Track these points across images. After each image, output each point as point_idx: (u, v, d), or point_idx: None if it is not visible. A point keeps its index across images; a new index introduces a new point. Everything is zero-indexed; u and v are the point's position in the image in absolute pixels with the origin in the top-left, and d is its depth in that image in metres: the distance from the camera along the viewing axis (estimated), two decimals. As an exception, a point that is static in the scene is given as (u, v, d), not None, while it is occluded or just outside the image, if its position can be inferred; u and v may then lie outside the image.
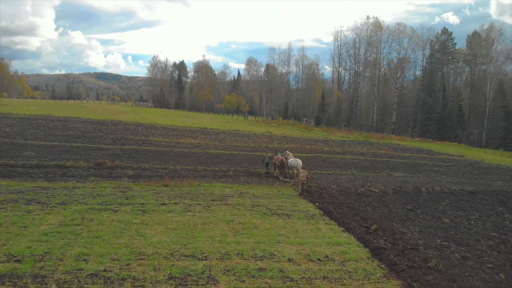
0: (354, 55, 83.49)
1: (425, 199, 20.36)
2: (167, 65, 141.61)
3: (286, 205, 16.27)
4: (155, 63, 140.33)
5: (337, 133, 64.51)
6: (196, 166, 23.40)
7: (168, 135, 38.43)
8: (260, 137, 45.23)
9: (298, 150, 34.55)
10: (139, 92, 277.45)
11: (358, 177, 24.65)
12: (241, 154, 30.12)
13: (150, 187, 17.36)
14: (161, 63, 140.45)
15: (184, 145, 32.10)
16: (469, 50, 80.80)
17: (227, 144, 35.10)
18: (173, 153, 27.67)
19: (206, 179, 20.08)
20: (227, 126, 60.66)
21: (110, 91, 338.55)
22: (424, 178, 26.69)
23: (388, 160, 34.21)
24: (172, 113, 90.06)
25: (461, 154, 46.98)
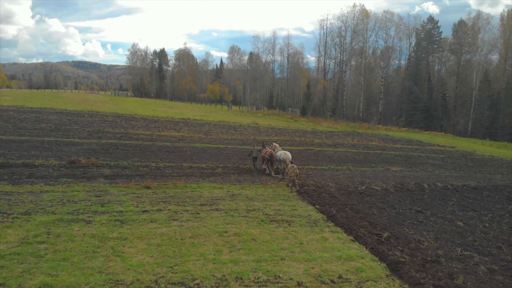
0: (340, 43, 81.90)
1: (430, 197, 18.89)
2: (147, 53, 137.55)
3: (284, 208, 14.48)
4: (134, 51, 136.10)
5: (323, 124, 63.05)
6: (181, 163, 21.36)
7: (149, 127, 36.11)
8: (247, 128, 43.28)
9: (288, 143, 32.80)
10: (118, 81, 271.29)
11: (355, 173, 23.06)
12: (229, 148, 28.18)
13: (130, 190, 15.31)
14: (141, 51, 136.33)
15: (167, 139, 29.93)
16: (455, 39, 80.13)
17: (213, 137, 33.05)
18: (155, 148, 25.51)
19: (193, 179, 18.10)
20: (211, 117, 58.41)
21: (88, 80, 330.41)
22: (422, 172, 25.31)
23: (381, 152, 32.80)
24: (152, 103, 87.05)
25: (451, 144, 46.09)
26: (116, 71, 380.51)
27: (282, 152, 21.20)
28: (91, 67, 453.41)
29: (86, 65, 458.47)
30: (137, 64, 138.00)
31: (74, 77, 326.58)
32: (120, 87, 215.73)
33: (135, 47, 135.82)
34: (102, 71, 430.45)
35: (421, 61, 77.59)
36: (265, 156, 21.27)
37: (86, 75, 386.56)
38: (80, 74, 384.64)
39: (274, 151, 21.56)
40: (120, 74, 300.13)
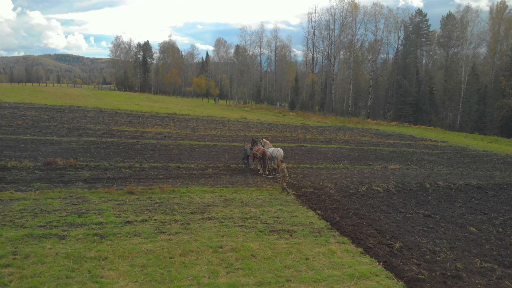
0: (328, 36, 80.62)
1: (435, 198, 17.78)
2: (131, 45, 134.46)
3: (283, 215, 13.14)
4: (118, 43, 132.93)
5: (312, 118, 61.91)
6: (167, 163, 19.80)
7: (133, 123, 34.31)
8: (236, 124, 41.77)
9: (280, 140, 31.44)
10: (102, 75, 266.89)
11: (353, 172, 21.84)
12: (218, 145, 26.66)
13: (111, 196, 13.75)
14: (125, 44, 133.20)
15: (152, 135, 28.25)
16: (444, 32, 79.70)
17: (201, 133, 31.46)
18: (139, 146, 23.85)
19: (181, 181, 16.60)
20: (198, 111, 56.68)
21: (71, 73, 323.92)
22: (421, 170, 24.25)
23: (375, 148, 31.72)
24: (136, 97, 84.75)
25: (443, 139, 45.38)
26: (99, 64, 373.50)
27: (275, 149, 19.83)
28: (74, 61, 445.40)
29: (69, 58, 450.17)
30: (121, 57, 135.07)
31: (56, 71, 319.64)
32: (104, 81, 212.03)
33: (119, 40, 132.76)
34: (85, 65, 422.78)
35: (410, 55, 76.89)
36: (258, 154, 19.76)
37: (69, 68, 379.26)
38: (62, 67, 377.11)
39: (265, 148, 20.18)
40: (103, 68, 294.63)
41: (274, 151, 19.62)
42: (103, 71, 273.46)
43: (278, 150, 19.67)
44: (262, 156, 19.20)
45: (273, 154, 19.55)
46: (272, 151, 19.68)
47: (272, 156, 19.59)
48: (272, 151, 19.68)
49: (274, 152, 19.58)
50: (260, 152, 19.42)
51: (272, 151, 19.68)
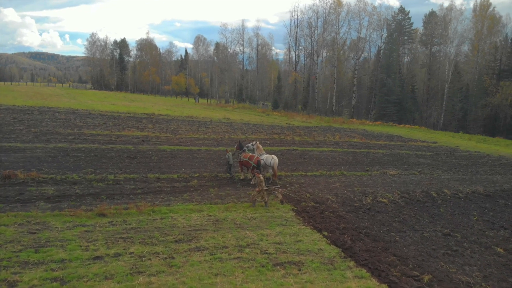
0: (311, 34, 78.96)
1: (446, 210, 16.05)
2: (107, 43, 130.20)
3: (286, 240, 11.07)
4: (93, 41, 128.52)
5: (297, 118, 60.14)
6: (145, 174, 17.45)
7: (107, 125, 31.65)
8: (219, 125, 39.47)
9: (268, 143, 29.36)
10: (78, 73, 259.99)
11: (352, 179, 19.97)
12: (203, 150, 24.38)
13: (78, 220, 11.40)
14: (101, 41, 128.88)
15: (128, 140, 25.73)
16: (426, 30, 79.15)
17: (182, 137, 29.05)
18: (114, 153, 21.35)
19: (162, 197, 14.31)
20: (177, 111, 54.09)
21: (46, 72, 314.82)
22: (421, 176, 22.59)
23: (368, 151, 30.03)
24: (113, 96, 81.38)
25: (431, 139, 44.25)
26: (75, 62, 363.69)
27: (269, 156, 17.73)
28: (49, 59, 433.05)
29: (44, 56, 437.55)
30: (96, 55, 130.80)
31: (30, 69, 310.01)
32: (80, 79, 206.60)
33: (94, 37, 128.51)
34: (61, 63, 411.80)
35: (393, 53, 76.00)
36: (251, 163, 17.26)
37: (43, 66, 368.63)
38: (37, 66, 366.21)
39: (256, 154, 18.00)
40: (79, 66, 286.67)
41: (268, 159, 17.52)
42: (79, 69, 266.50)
43: (272, 157, 17.60)
44: (257, 166, 16.88)
45: (267, 162, 17.44)
46: (266, 158, 17.55)
47: (266, 164, 17.48)
48: (266, 158, 17.55)
49: (268, 159, 17.49)
50: (255, 161, 17.01)
51: (266, 158, 17.56)
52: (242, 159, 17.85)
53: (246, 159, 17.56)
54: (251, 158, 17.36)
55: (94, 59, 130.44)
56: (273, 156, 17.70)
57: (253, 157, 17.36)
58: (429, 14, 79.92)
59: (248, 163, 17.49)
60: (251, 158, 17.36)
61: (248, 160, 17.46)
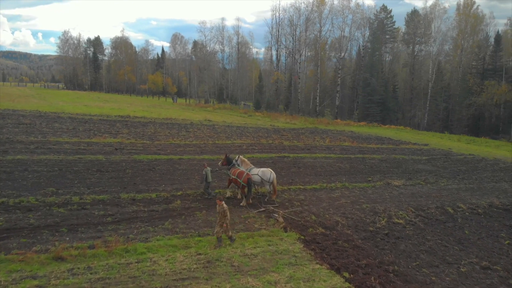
0: (292, 33, 76.71)
1: (472, 232, 13.93)
2: (80, 41, 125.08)
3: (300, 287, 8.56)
4: (66, 39, 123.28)
5: (280, 119, 57.79)
6: (118, 193, 14.58)
7: (77, 130, 28.44)
8: (201, 128, 36.62)
9: (256, 149, 26.79)
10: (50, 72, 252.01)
11: (356, 193, 17.63)
12: (184, 159, 21.58)
13: (28, 268, 8.56)
14: (73, 39, 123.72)
15: (100, 148, 22.68)
16: (408, 29, 78.16)
17: (161, 143, 26.12)
18: (82, 166, 18.36)
19: (138, 227, 11.55)
20: (155, 113, 50.91)
21: (18, 71, 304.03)
22: (428, 186, 20.49)
23: (363, 157, 27.87)
24: (86, 96, 77.28)
25: (421, 141, 42.64)
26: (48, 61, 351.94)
27: (267, 170, 15.03)
28: (21, 58, 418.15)
29: (16, 55, 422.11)
30: (69, 54, 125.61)
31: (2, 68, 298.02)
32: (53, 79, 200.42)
33: (67, 35, 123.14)
34: (33, 62, 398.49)
35: (376, 52, 74.57)
36: (240, 181, 14.51)
37: (15, 66, 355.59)
38: (8, 65, 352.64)
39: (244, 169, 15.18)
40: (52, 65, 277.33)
41: (266, 173, 14.85)
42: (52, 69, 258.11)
43: (271, 172, 15.00)
44: (247, 184, 14.29)
45: (265, 177, 14.77)
46: (263, 173, 14.87)
47: (263, 180, 14.85)
48: (263, 173, 14.87)
49: (266, 174, 14.82)
50: (244, 180, 14.34)
51: (263, 173, 14.85)
52: (231, 176, 15.12)
53: (235, 177, 14.73)
54: (240, 175, 14.54)
55: (67, 58, 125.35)
56: (271, 170, 15.11)
57: (242, 174, 14.57)
58: (411, 13, 78.88)
59: (237, 181, 14.69)
60: (240, 175, 14.54)
61: (236, 177, 14.61)
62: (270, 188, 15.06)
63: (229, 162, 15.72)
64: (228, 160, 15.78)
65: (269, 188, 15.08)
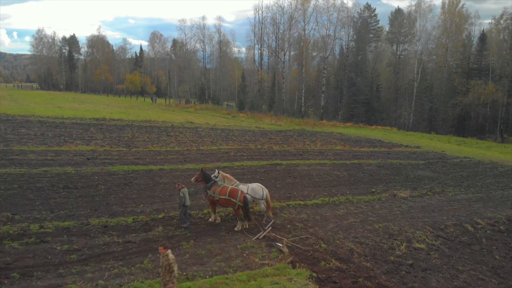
0: (276, 31, 74.67)
1: (504, 257, 12.21)
2: (55, 40, 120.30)
3: None
4: (40, 37, 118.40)
5: (265, 120, 55.68)
6: (88, 218, 12.11)
7: (45, 137, 25.63)
8: (183, 131, 34.10)
9: (245, 155, 24.53)
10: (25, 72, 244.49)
11: (362, 208, 15.62)
12: (166, 170, 19.16)
13: None
14: (48, 38, 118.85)
15: (69, 158, 20.04)
16: (392, 28, 77.21)
17: (139, 150, 23.57)
18: (47, 181, 15.75)
19: (110, 267, 9.15)
20: (133, 114, 48.09)
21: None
22: (436, 198, 18.68)
23: (358, 162, 25.97)
24: (60, 97, 73.55)
25: (412, 143, 41.24)
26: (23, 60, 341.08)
27: (257, 186, 12.86)
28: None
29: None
30: (43, 53, 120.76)
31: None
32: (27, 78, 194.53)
33: (41, 33, 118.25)
34: (8, 61, 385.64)
35: (361, 51, 73.22)
36: (234, 201, 11.94)
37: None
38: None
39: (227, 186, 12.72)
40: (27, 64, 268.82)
41: (257, 190, 12.70)
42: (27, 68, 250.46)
43: (262, 188, 12.84)
44: (243, 204, 11.97)
45: (257, 194, 12.64)
46: (254, 190, 12.69)
47: (255, 198, 12.69)
48: (254, 190, 12.69)
49: (258, 191, 12.67)
50: (241, 199, 11.89)
51: (254, 190, 12.66)
52: (217, 197, 12.30)
53: (226, 197, 12.08)
54: (234, 194, 12.02)
55: (41, 57, 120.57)
56: (261, 186, 12.92)
57: (236, 192, 12.08)
58: (395, 11, 77.93)
59: (230, 202, 12.13)
60: (234, 194, 12.02)
61: (229, 197, 12.05)
62: (265, 205, 12.88)
63: (207, 178, 12.86)
64: (205, 176, 12.91)
65: (263, 206, 12.87)
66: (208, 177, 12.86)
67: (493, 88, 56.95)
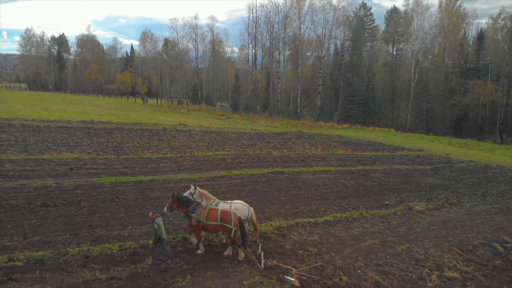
0: (270, 30, 72.99)
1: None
2: (44, 39, 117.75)
3: None
4: (28, 37, 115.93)
5: (260, 121, 54.06)
6: (65, 246, 10.30)
7: (26, 143, 23.70)
8: (176, 135, 32.27)
9: (243, 163, 22.77)
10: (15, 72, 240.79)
11: (379, 226, 13.98)
12: (158, 181, 17.34)
13: None
14: (37, 37, 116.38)
15: (51, 169, 18.14)
16: (388, 28, 75.97)
17: (128, 158, 21.69)
18: (23, 198, 13.87)
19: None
20: (123, 116, 46.15)
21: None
22: (454, 210, 17.13)
23: (364, 168, 24.42)
24: (49, 98, 71.32)
25: (414, 146, 39.87)
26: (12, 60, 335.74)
27: (241, 205, 10.91)
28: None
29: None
30: (32, 52, 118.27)
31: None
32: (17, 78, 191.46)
33: (29, 33, 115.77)
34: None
35: (357, 51, 71.82)
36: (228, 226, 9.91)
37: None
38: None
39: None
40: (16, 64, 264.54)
41: (241, 210, 10.70)
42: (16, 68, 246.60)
43: (246, 206, 10.92)
44: (240, 228, 10.03)
45: (243, 215, 10.54)
46: (236, 210, 10.61)
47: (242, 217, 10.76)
48: (236, 210, 10.61)
49: (242, 211, 10.67)
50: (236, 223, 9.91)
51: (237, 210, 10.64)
52: (203, 221, 10.11)
53: (217, 222, 10.02)
54: (227, 218, 10.01)
55: (30, 56, 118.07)
56: (246, 205, 10.99)
57: (229, 215, 10.05)
58: (391, 10, 76.69)
59: (223, 228, 10.09)
60: (227, 218, 10.01)
61: (222, 223, 9.99)
62: (248, 226, 11.06)
63: (186, 202, 10.54)
64: (183, 200, 10.57)
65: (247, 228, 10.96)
66: (186, 200, 10.58)
67: (493, 88, 55.85)
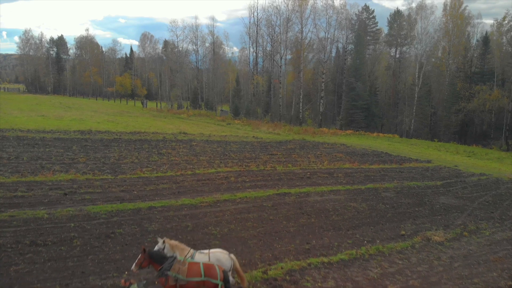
0: (272, 33, 71.83)
1: None
2: (43, 40, 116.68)
3: None
4: (27, 38, 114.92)
5: (262, 128, 53.00)
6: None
7: (19, 161, 22.49)
8: (176, 146, 31.12)
9: (247, 182, 21.54)
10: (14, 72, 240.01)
11: (399, 266, 12.81)
12: (158, 209, 16.14)
13: None
14: (35, 39, 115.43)
15: (44, 193, 16.96)
16: (391, 31, 74.97)
17: (126, 178, 20.46)
18: (11, 235, 12.57)
19: None
20: (121, 123, 45.14)
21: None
22: (475, 241, 15.96)
23: (374, 187, 23.24)
24: (47, 102, 70.23)
25: (422, 156, 38.84)
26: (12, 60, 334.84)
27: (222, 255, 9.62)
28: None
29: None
30: (30, 53, 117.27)
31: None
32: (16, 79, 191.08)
33: (28, 34, 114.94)
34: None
35: (360, 55, 70.76)
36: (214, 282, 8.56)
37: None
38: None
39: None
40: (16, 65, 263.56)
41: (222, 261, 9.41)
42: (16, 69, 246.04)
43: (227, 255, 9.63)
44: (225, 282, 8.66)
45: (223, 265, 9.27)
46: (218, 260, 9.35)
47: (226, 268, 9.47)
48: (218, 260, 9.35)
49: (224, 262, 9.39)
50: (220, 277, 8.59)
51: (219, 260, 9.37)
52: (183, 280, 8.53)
53: (201, 278, 8.59)
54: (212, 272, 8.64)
55: (28, 58, 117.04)
56: (227, 254, 9.70)
57: (213, 269, 8.72)
58: (394, 13, 75.69)
59: (207, 284, 8.64)
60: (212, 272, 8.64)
61: (207, 278, 8.61)
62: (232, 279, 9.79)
63: (160, 258, 8.93)
64: (156, 256, 8.96)
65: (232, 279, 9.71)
66: (160, 255, 9.02)
67: (499, 94, 54.77)
